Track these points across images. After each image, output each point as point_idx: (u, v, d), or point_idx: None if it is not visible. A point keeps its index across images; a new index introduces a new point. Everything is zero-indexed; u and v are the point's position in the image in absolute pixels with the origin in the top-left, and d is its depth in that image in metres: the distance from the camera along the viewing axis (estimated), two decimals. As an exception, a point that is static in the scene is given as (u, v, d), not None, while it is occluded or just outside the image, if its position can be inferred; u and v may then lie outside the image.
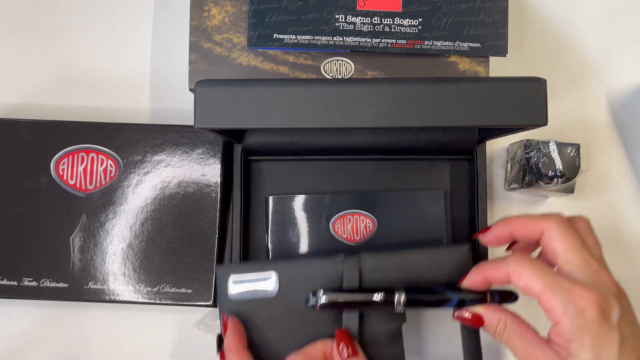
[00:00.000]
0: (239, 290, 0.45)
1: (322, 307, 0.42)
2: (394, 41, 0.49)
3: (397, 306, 0.41)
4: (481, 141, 0.51)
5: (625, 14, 0.57)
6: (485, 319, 0.40)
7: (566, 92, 0.56)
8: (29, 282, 0.51)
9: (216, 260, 0.51)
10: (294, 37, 0.49)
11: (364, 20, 0.49)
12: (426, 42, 0.49)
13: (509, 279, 0.38)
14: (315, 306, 0.42)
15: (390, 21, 0.49)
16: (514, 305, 0.42)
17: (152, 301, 0.51)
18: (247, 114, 0.39)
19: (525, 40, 0.57)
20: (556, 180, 0.50)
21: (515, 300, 0.42)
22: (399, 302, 0.41)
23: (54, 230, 0.51)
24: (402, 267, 0.44)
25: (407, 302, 0.41)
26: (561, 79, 0.57)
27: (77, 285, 0.51)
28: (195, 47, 0.50)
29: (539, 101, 0.39)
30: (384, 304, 0.41)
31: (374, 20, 0.49)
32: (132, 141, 0.52)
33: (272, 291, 0.44)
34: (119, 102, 0.57)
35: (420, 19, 0.49)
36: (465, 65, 0.50)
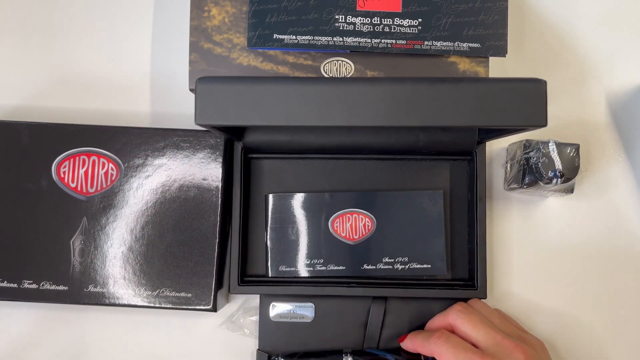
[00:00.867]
0: (279, 313, 0.53)
1: None
2: (394, 41, 0.49)
3: None
4: (481, 141, 0.51)
5: (625, 14, 0.57)
6: None
7: (566, 92, 0.56)
8: (29, 284, 0.50)
9: (216, 264, 0.50)
10: (294, 37, 0.49)
11: (363, 20, 0.49)
12: (426, 43, 0.49)
13: (433, 356, 0.46)
14: None
15: (390, 21, 0.49)
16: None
17: (152, 305, 0.51)
18: (248, 111, 0.39)
19: (525, 40, 0.57)
20: (556, 180, 0.50)
21: None
22: None
23: (54, 233, 0.51)
24: (422, 311, 0.52)
25: None
26: (561, 79, 0.57)
27: (77, 288, 0.51)
28: (195, 47, 0.50)
29: (539, 102, 0.39)
30: None
31: (374, 20, 0.49)
32: (133, 145, 0.52)
33: (309, 317, 0.53)
34: (119, 104, 0.57)
35: (420, 19, 0.49)
36: (465, 65, 0.50)
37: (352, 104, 0.38)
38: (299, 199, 0.53)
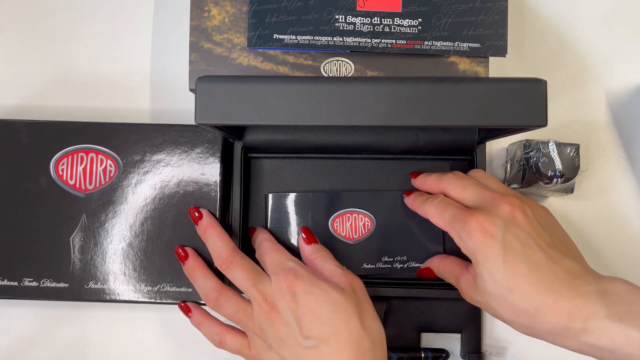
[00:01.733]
0: None
1: None
2: (394, 41, 0.49)
3: None
4: (481, 141, 0.51)
5: (625, 14, 0.57)
6: (431, 268, 0.51)
7: (566, 92, 0.56)
8: (29, 282, 0.51)
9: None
10: (294, 37, 0.49)
11: (363, 20, 0.49)
12: (426, 43, 0.49)
13: (427, 217, 0.47)
14: None
15: (390, 21, 0.49)
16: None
17: (153, 300, 0.51)
18: (248, 110, 0.39)
19: (525, 40, 0.57)
20: (556, 180, 0.50)
21: (446, 358, 0.53)
22: None
23: (54, 230, 0.51)
24: (422, 311, 0.53)
25: None
26: (561, 78, 0.57)
27: (78, 285, 0.51)
28: (195, 47, 0.50)
29: (539, 102, 0.39)
30: None
31: (374, 20, 0.49)
32: (132, 141, 0.52)
33: None
34: (119, 103, 0.57)
35: (420, 19, 0.49)
36: (465, 65, 0.50)
37: (352, 103, 0.38)
38: (299, 199, 0.53)
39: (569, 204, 0.55)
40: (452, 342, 0.54)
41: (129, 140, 0.52)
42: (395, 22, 0.49)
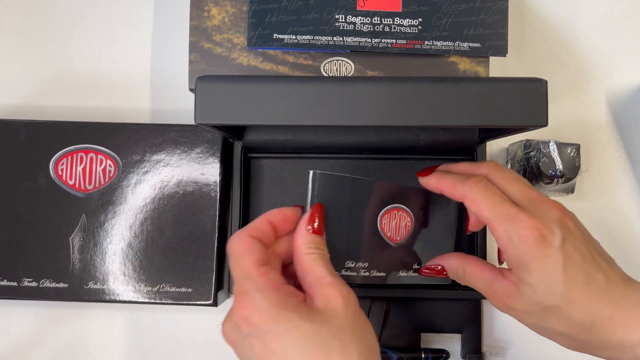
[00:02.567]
0: None
1: None
2: (394, 41, 0.49)
3: None
4: (481, 141, 0.51)
5: (625, 14, 0.57)
6: (446, 268, 0.44)
7: (566, 92, 0.56)
8: (29, 282, 0.51)
9: (216, 259, 0.51)
10: (294, 37, 0.49)
11: (364, 20, 0.49)
12: (426, 42, 0.49)
13: (463, 200, 0.40)
14: None
15: (390, 21, 0.49)
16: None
17: (152, 301, 0.51)
18: (248, 110, 0.38)
19: (525, 40, 0.57)
20: (556, 180, 0.50)
21: (447, 358, 0.52)
22: None
23: (53, 230, 0.51)
24: (422, 312, 0.52)
25: None
26: (561, 78, 0.56)
27: (77, 285, 0.51)
28: (195, 47, 0.50)
29: (540, 102, 0.38)
30: None
31: (374, 20, 0.49)
32: (131, 141, 0.52)
33: None
34: (119, 103, 0.57)
35: (420, 19, 0.49)
36: (465, 65, 0.50)
37: (352, 103, 0.38)
38: (348, 184, 0.43)
39: (570, 204, 0.55)
40: (452, 343, 0.54)
41: (128, 140, 0.52)
42: (395, 22, 0.49)
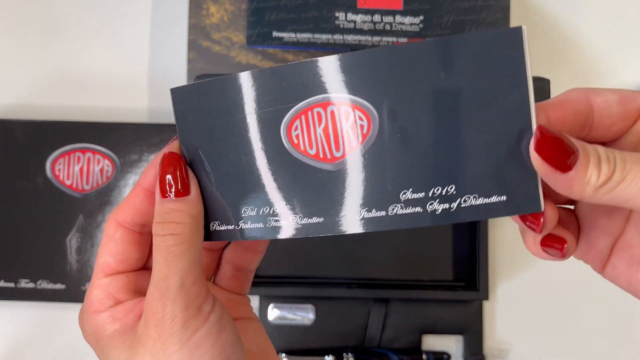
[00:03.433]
0: (277, 316, 0.52)
1: None
2: (395, 39, 0.49)
3: None
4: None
5: (628, 13, 0.57)
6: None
7: (569, 91, 0.56)
8: (26, 283, 0.50)
9: None
10: (294, 35, 0.48)
11: (364, 18, 0.49)
12: (427, 41, 0.49)
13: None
14: None
15: (391, 19, 0.49)
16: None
17: (150, 302, 0.50)
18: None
19: (527, 38, 0.57)
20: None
21: None
22: None
23: (50, 231, 0.51)
24: (423, 313, 0.52)
25: None
26: (564, 78, 0.56)
27: (75, 286, 0.50)
28: (193, 45, 0.50)
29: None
30: None
31: (375, 18, 0.49)
32: (129, 140, 0.51)
33: (309, 319, 0.52)
34: (116, 102, 0.56)
35: (421, 17, 0.49)
36: (467, 64, 0.50)
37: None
38: (222, 88, 0.29)
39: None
40: (453, 344, 0.54)
41: (126, 139, 0.51)
42: (396, 20, 0.49)
